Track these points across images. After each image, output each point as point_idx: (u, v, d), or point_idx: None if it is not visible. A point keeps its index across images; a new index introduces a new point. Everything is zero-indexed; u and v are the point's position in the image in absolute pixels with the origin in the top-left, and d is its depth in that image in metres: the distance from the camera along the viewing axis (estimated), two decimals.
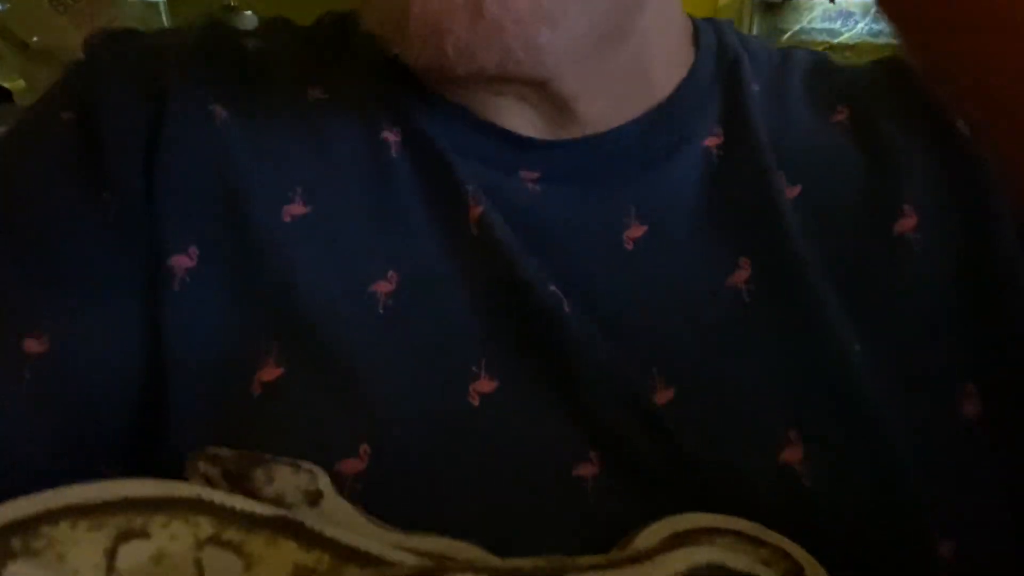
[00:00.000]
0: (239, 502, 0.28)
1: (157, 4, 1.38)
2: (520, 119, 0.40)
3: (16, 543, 0.25)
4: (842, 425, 0.34)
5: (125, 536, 0.26)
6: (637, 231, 0.39)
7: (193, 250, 0.36)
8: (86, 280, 0.36)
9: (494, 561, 0.29)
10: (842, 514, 0.33)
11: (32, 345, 0.34)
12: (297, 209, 0.38)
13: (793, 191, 0.40)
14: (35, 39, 1.11)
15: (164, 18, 1.24)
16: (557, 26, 0.35)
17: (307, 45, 0.44)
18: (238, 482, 0.30)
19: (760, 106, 0.42)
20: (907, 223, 0.38)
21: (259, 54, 0.43)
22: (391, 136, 0.40)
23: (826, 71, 0.45)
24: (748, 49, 0.45)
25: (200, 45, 0.42)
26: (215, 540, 0.26)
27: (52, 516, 0.26)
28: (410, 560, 0.26)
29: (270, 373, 0.34)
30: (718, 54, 0.44)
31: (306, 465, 0.31)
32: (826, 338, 0.36)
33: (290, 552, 0.26)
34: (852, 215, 0.39)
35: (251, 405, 0.34)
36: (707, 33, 0.45)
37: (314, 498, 0.30)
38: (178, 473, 0.31)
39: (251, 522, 0.27)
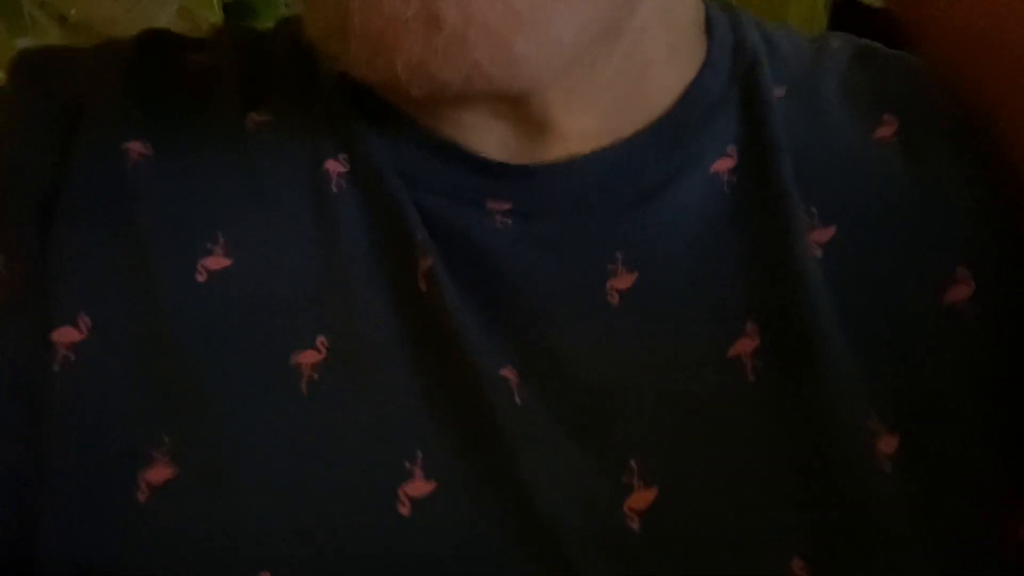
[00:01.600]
0: None
1: None
2: (491, 139, 0.33)
3: None
4: (858, 555, 0.27)
5: None
6: (624, 280, 0.31)
7: (85, 321, 0.31)
8: None
9: None
10: None
11: None
12: (215, 263, 0.32)
13: (824, 234, 0.32)
14: (73, 11, 1.09)
15: None
16: (537, 35, 0.28)
17: (258, 59, 0.38)
18: None
19: (785, 117, 0.34)
20: (961, 291, 0.30)
21: (200, 73, 0.37)
22: (335, 166, 0.33)
23: (871, 65, 0.36)
24: (771, 43, 0.36)
25: (132, 66, 0.36)
26: None
27: None
28: None
29: (159, 474, 0.29)
30: (735, 54, 0.35)
31: None
32: (845, 438, 0.28)
33: None
34: (894, 272, 0.31)
35: (135, 514, 0.29)
36: (722, 25, 0.36)
37: None
38: None
39: None
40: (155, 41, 0.38)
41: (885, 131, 0.34)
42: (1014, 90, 0.23)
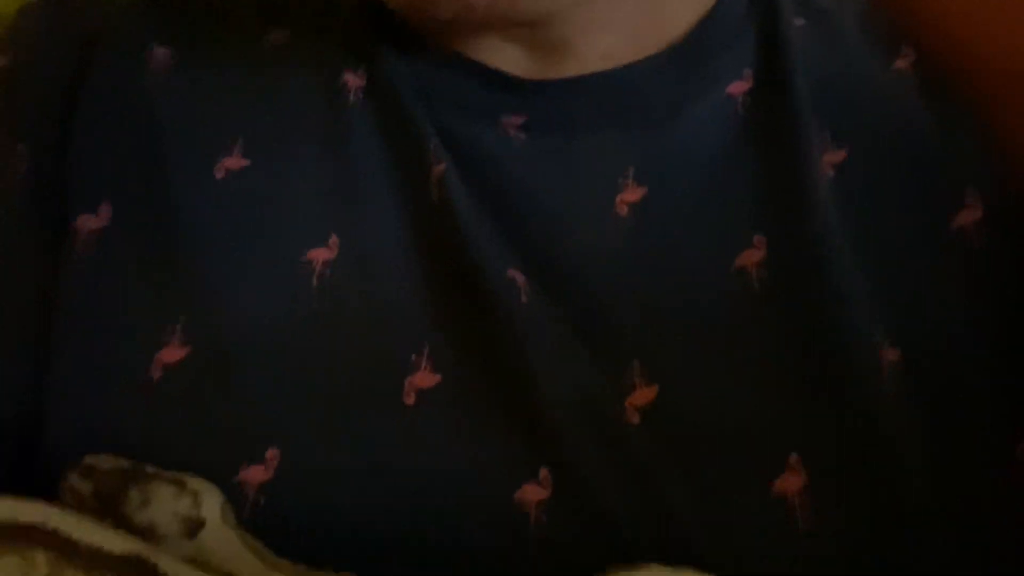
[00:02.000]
0: (88, 533, 0.23)
1: None
2: (507, 59, 0.34)
3: None
4: (856, 453, 0.27)
5: None
6: (633, 194, 0.32)
7: (106, 209, 0.31)
8: None
9: None
10: (842, 567, 0.26)
11: None
12: (234, 162, 0.32)
13: (837, 156, 0.32)
14: None
15: None
16: None
17: None
18: (110, 504, 0.25)
19: (804, 45, 0.34)
20: (970, 215, 0.31)
21: None
22: (353, 80, 0.34)
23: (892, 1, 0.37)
24: None
25: None
26: None
27: None
28: None
29: (173, 354, 0.29)
30: None
31: (193, 484, 0.25)
32: (847, 345, 0.29)
33: None
34: (905, 194, 0.32)
35: (148, 391, 0.29)
36: None
37: (193, 528, 0.24)
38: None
39: (96, 560, 0.22)
40: None
41: (903, 62, 0.34)
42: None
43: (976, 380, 0.29)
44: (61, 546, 0.22)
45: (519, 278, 0.30)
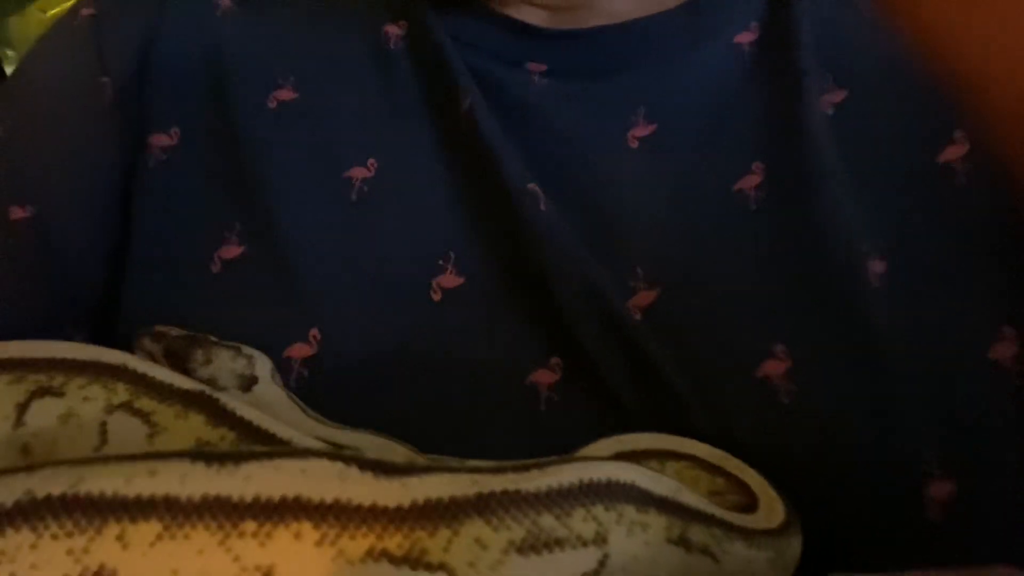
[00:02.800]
0: (160, 373, 0.26)
1: None
2: (535, 11, 0.38)
3: None
4: (839, 344, 0.31)
5: (40, 392, 0.25)
6: (644, 130, 0.36)
7: (175, 131, 0.36)
8: (75, 155, 0.37)
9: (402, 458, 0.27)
10: (822, 438, 0.30)
11: (16, 212, 0.35)
12: (285, 95, 0.37)
13: (837, 95, 0.36)
14: None
15: None
16: None
17: None
18: (177, 361, 0.29)
19: (811, 2, 0.38)
20: (956, 151, 0.34)
21: None
22: (393, 29, 0.38)
23: None
24: None
25: None
26: (127, 406, 0.25)
27: None
28: (318, 447, 0.25)
29: (230, 251, 0.34)
30: None
31: (247, 350, 0.29)
32: (835, 253, 0.32)
33: (198, 426, 0.25)
34: (898, 130, 0.35)
35: (209, 281, 0.34)
36: None
37: (247, 383, 0.28)
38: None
39: (166, 393, 0.26)
40: None
41: None
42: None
43: (954, 291, 0.32)
44: (137, 381, 0.26)
45: (538, 190, 0.33)
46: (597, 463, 0.22)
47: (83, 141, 0.37)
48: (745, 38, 0.37)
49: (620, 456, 0.26)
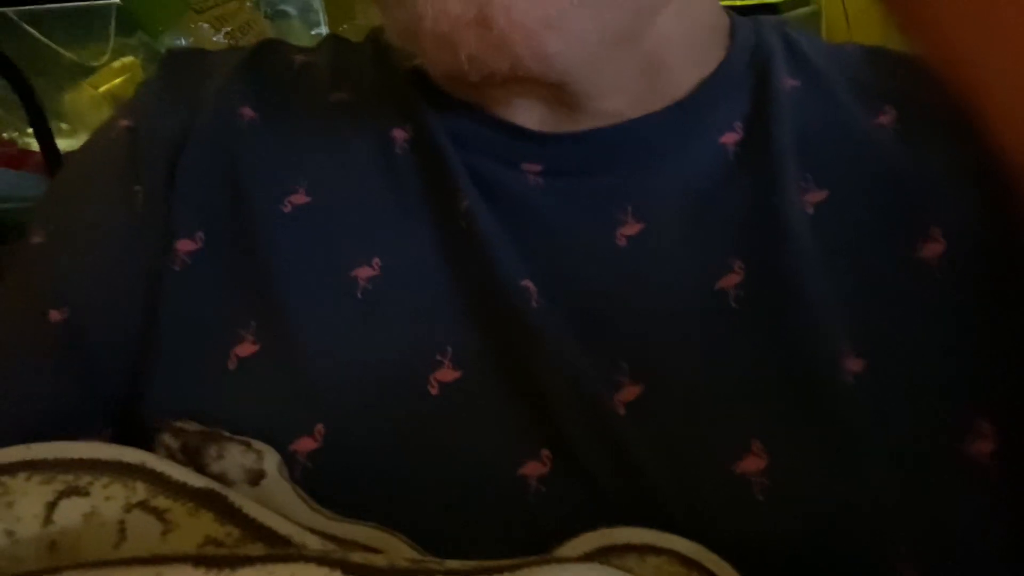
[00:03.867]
0: (177, 472, 0.29)
1: (321, 35, 1.50)
2: (531, 117, 0.40)
3: None
4: (814, 442, 0.32)
5: (67, 492, 0.28)
6: (632, 228, 0.37)
7: (200, 235, 0.39)
8: (107, 259, 0.39)
9: (403, 552, 0.29)
10: (797, 535, 0.31)
11: (54, 315, 0.38)
12: (299, 199, 0.40)
13: (818, 195, 0.37)
14: None
15: None
16: (565, 35, 0.35)
17: (347, 56, 0.46)
18: (193, 456, 0.31)
19: (795, 104, 0.40)
20: (933, 248, 0.35)
21: (302, 66, 0.46)
22: (399, 133, 0.41)
23: (878, 64, 0.42)
24: (792, 44, 0.42)
25: (250, 59, 0.45)
26: (144, 505, 0.27)
27: (14, 468, 0.29)
28: (314, 545, 0.27)
29: (246, 349, 0.36)
30: (753, 52, 0.42)
31: (257, 445, 0.32)
32: (814, 351, 0.33)
33: (207, 523, 0.27)
34: (876, 228, 0.36)
35: (225, 378, 0.36)
36: (744, 31, 0.43)
37: (256, 477, 0.30)
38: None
39: (181, 491, 0.28)
40: (270, 45, 0.47)
41: (885, 119, 0.39)
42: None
43: (930, 387, 0.33)
44: (154, 480, 0.28)
45: (531, 286, 0.35)
46: (566, 564, 0.23)
47: (117, 247, 0.39)
48: (730, 138, 0.39)
49: (602, 550, 0.27)
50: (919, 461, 0.32)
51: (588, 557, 0.27)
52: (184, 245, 0.39)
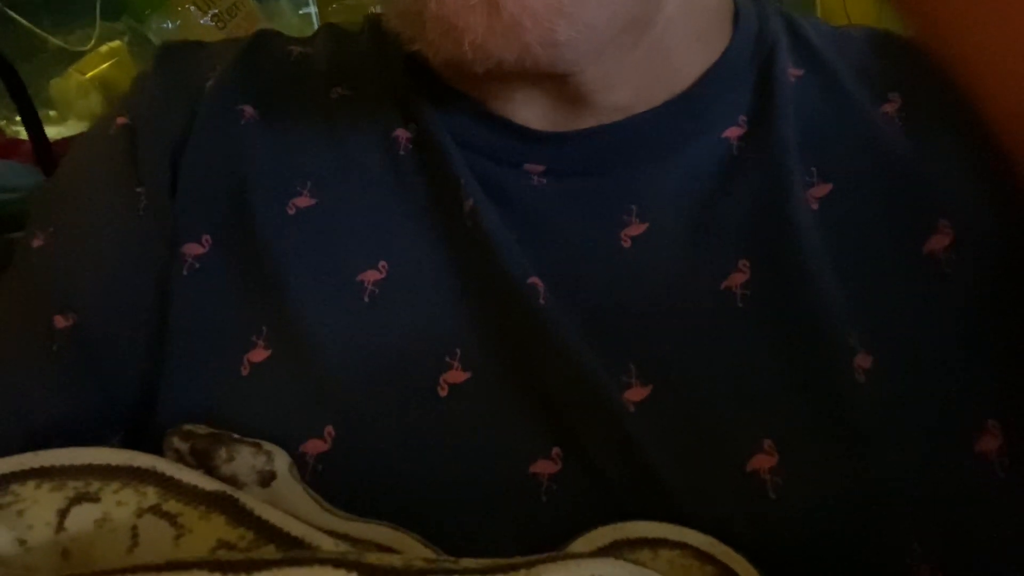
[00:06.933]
0: (187, 475, 0.29)
1: (310, 15, 1.48)
2: (534, 112, 0.39)
3: None
4: (825, 440, 0.32)
5: (79, 499, 0.28)
6: (636, 229, 0.37)
7: (207, 238, 0.38)
8: (113, 264, 0.38)
9: (418, 552, 0.29)
10: (809, 530, 0.31)
11: (60, 322, 0.37)
12: (303, 201, 0.39)
13: (822, 189, 0.37)
14: None
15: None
16: (575, 21, 0.34)
17: (345, 47, 0.46)
18: (203, 459, 0.31)
19: (799, 95, 0.39)
20: (940, 241, 0.35)
21: (300, 58, 0.45)
22: (402, 133, 0.40)
23: (884, 50, 0.41)
24: (796, 31, 0.42)
25: (246, 52, 0.44)
26: (155, 509, 0.27)
27: (24, 476, 0.29)
28: (328, 546, 0.27)
29: (258, 355, 0.36)
30: (757, 40, 0.41)
31: (267, 446, 0.32)
32: (821, 349, 0.33)
33: (219, 526, 0.27)
34: (883, 222, 0.36)
35: (238, 384, 0.35)
36: (748, 17, 0.42)
37: (267, 479, 0.30)
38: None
39: (192, 495, 0.28)
40: (265, 36, 0.46)
41: (890, 107, 0.39)
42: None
43: (939, 384, 0.33)
44: (165, 484, 0.28)
45: (538, 283, 0.35)
46: (581, 560, 0.23)
47: (121, 250, 0.39)
48: (733, 133, 0.38)
49: (617, 544, 0.27)
50: (928, 457, 0.32)
51: (602, 551, 0.27)
52: (191, 249, 0.38)
